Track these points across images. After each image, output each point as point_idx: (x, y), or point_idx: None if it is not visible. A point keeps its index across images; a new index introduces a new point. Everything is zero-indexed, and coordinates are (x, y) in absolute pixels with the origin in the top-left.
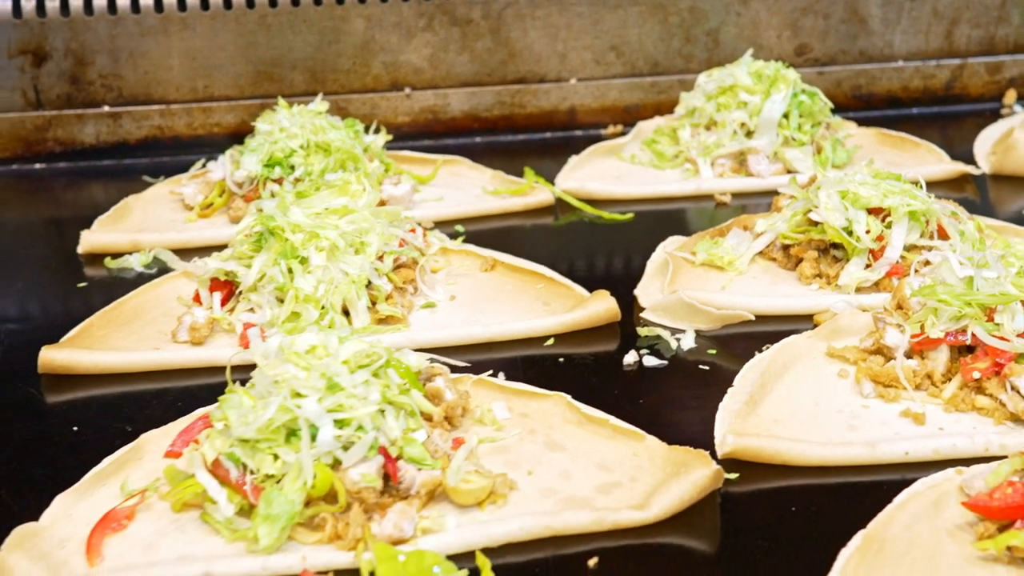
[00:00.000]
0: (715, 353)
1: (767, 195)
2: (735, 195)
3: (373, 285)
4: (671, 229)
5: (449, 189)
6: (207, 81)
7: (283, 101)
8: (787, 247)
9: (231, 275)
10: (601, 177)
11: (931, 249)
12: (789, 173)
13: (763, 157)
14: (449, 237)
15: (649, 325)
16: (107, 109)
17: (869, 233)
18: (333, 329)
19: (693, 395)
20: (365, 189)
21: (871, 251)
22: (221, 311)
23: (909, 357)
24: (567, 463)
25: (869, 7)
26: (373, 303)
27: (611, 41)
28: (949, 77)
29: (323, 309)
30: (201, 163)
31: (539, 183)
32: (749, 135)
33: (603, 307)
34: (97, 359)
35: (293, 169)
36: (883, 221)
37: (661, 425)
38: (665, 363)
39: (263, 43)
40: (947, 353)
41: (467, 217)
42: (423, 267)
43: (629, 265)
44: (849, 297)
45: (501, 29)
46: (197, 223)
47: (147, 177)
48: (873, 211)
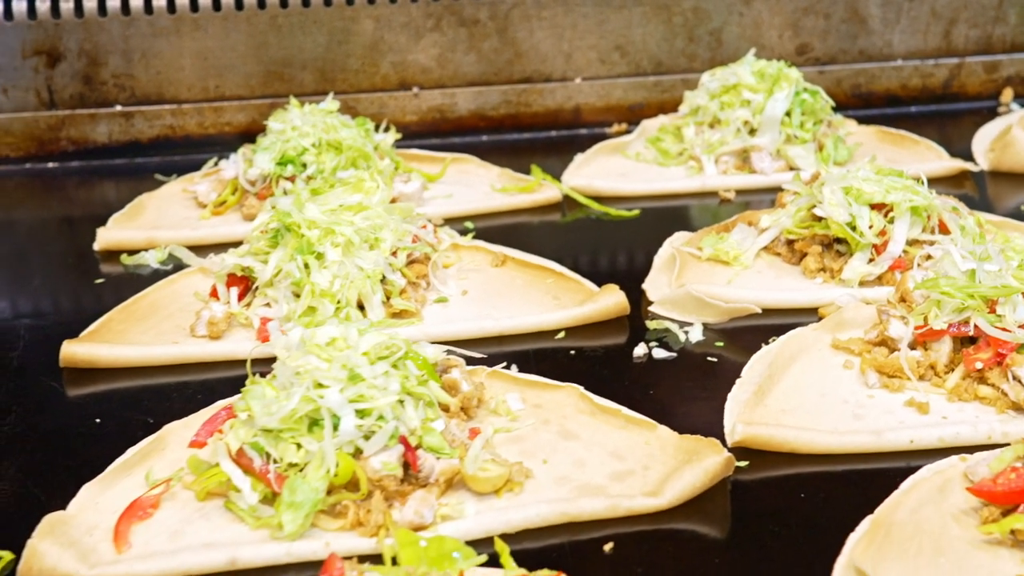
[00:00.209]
0: (723, 345)
1: (770, 192)
2: (739, 192)
3: (387, 280)
4: (676, 225)
5: (458, 187)
6: (218, 81)
7: (295, 100)
8: (791, 242)
9: (248, 271)
10: (607, 174)
11: (932, 244)
12: (791, 170)
13: (766, 154)
14: (459, 234)
15: (658, 318)
16: (119, 109)
17: (872, 228)
18: (352, 322)
19: (702, 386)
20: (379, 186)
21: (874, 246)
22: (238, 306)
23: (913, 348)
24: (581, 452)
25: (869, 7)
26: (387, 298)
27: (616, 41)
28: (947, 76)
29: (339, 304)
30: (213, 161)
31: (547, 180)
32: (752, 133)
33: (613, 301)
34: (117, 353)
35: (305, 167)
36: (886, 216)
37: (671, 415)
38: (674, 355)
39: (274, 43)
40: (950, 344)
41: (476, 214)
42: (435, 262)
43: (636, 260)
44: (853, 291)
45: (508, 29)
46: (211, 220)
47: (159, 176)
48: (876, 207)
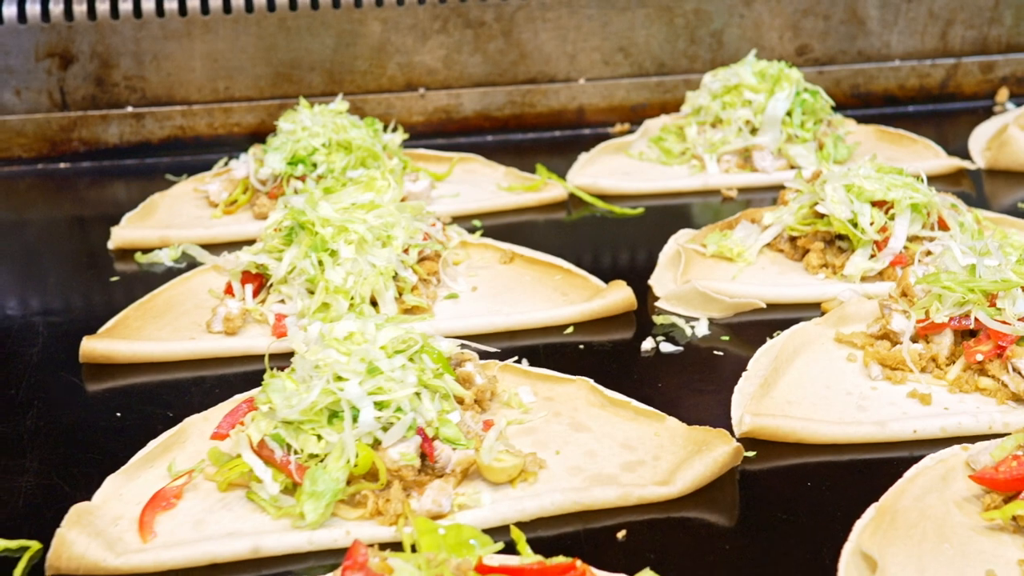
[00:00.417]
0: (728, 339)
1: (772, 190)
2: (741, 190)
3: (399, 277)
4: (680, 223)
5: (465, 186)
6: (228, 82)
7: (304, 101)
8: (794, 239)
9: (262, 268)
10: (611, 173)
11: (932, 240)
12: (792, 169)
13: (767, 153)
14: (467, 231)
15: (664, 313)
16: (131, 110)
17: (873, 225)
18: (369, 317)
19: (708, 379)
20: (390, 185)
21: (875, 242)
22: (253, 302)
23: (915, 341)
24: (592, 443)
25: (867, 9)
26: (400, 294)
27: (619, 42)
28: (944, 76)
29: (352, 300)
30: (223, 162)
31: (552, 179)
32: (754, 132)
33: (620, 296)
34: (136, 348)
35: (315, 167)
36: (886, 213)
37: (679, 407)
38: (681, 349)
39: (282, 45)
40: (951, 337)
41: (483, 212)
42: (445, 259)
43: (640, 257)
44: (855, 286)
45: (513, 31)
46: (222, 219)
47: (170, 175)
48: (877, 204)
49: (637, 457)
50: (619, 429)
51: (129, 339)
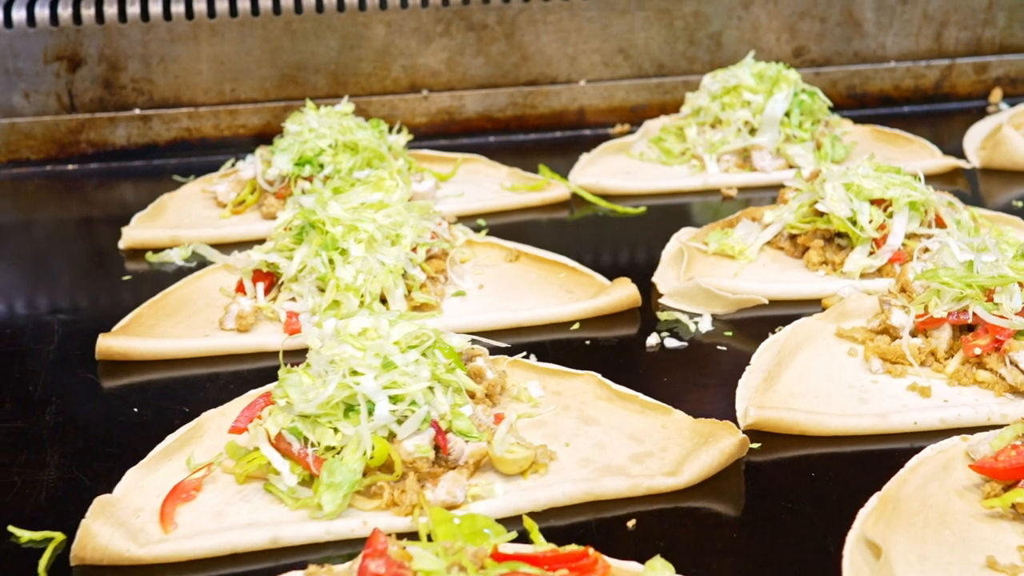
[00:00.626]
0: (731, 335)
1: (771, 189)
2: (740, 189)
3: (408, 275)
4: (681, 222)
5: (469, 186)
6: (234, 85)
7: (311, 103)
8: (794, 236)
9: (273, 266)
10: (612, 173)
11: (930, 237)
12: (791, 168)
13: (766, 153)
14: (472, 231)
15: (668, 310)
16: (138, 112)
17: (872, 222)
18: (382, 313)
19: (712, 373)
20: (398, 185)
21: (874, 239)
22: (264, 300)
23: (914, 336)
24: (601, 435)
25: (863, 11)
26: (408, 291)
27: (619, 44)
28: (938, 77)
29: (362, 298)
30: (230, 163)
31: (555, 179)
32: (753, 132)
33: (625, 293)
34: (152, 346)
35: (322, 167)
36: (885, 211)
37: (684, 400)
38: (685, 344)
39: (288, 48)
40: (949, 331)
41: (487, 212)
42: (452, 258)
43: (643, 255)
44: (854, 282)
45: (515, 34)
46: (231, 219)
47: (177, 176)
48: (875, 202)
49: (645, 449)
50: (627, 422)
51: (144, 336)
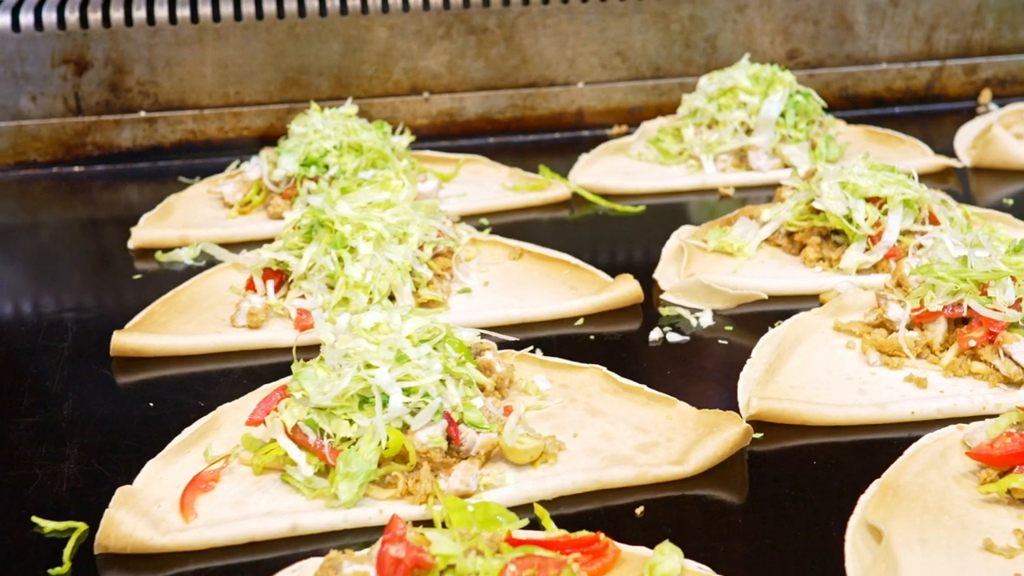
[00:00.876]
0: (732, 329)
1: (767, 188)
2: (737, 188)
3: (415, 272)
4: (679, 220)
5: (470, 186)
6: (238, 87)
7: (315, 105)
8: (791, 234)
9: (282, 265)
10: (612, 173)
11: (924, 234)
12: (786, 168)
13: (762, 153)
14: (475, 230)
15: (669, 305)
16: (143, 115)
17: (868, 220)
18: (394, 309)
19: (714, 366)
20: (404, 184)
21: (870, 236)
22: (275, 297)
23: (910, 329)
24: (608, 427)
25: (855, 14)
26: (416, 288)
27: (616, 47)
28: (929, 78)
29: (371, 295)
30: (235, 164)
31: (556, 179)
32: (749, 133)
33: (628, 289)
34: (166, 342)
35: (328, 168)
36: (880, 209)
37: (688, 392)
38: (687, 339)
39: (291, 51)
40: (945, 324)
41: (489, 211)
42: (458, 256)
43: (643, 253)
44: (851, 278)
45: (514, 37)
46: (238, 219)
47: (182, 178)
48: (871, 200)
49: (651, 439)
50: (632, 413)
51: (157, 333)
